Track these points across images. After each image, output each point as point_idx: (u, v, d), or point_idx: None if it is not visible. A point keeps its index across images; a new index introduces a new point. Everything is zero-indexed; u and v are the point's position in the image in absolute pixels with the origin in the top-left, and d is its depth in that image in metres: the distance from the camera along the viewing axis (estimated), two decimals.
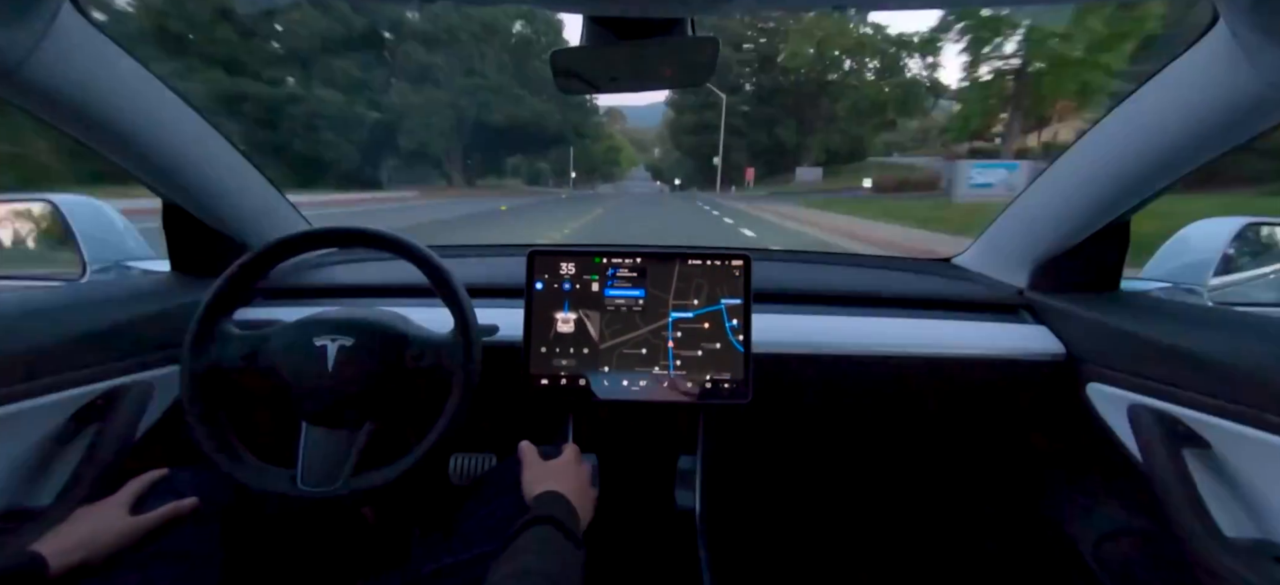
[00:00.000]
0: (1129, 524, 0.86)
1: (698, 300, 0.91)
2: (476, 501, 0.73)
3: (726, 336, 0.90)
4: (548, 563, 0.54)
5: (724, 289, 0.91)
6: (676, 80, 0.72)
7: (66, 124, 0.73)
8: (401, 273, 0.77)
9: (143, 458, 0.78)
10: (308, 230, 0.77)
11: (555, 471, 0.70)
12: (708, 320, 0.90)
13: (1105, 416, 0.84)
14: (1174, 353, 0.74)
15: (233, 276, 0.73)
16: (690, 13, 0.60)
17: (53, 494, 0.73)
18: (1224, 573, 0.63)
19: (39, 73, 0.63)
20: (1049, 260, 0.98)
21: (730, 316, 0.90)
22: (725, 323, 0.90)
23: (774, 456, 1.29)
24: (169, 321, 0.86)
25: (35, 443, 0.72)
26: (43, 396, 0.71)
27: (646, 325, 0.91)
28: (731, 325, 0.90)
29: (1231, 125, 0.65)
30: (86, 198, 1.36)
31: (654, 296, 0.91)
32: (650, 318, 0.91)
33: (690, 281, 0.91)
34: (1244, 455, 0.67)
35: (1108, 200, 0.85)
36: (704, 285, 0.91)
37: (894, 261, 1.28)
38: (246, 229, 1.01)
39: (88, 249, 1.25)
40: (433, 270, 0.73)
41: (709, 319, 0.90)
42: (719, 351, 0.90)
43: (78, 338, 0.75)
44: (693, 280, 0.91)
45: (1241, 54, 0.57)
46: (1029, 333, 0.96)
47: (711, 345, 0.90)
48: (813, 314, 1.01)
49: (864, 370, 0.97)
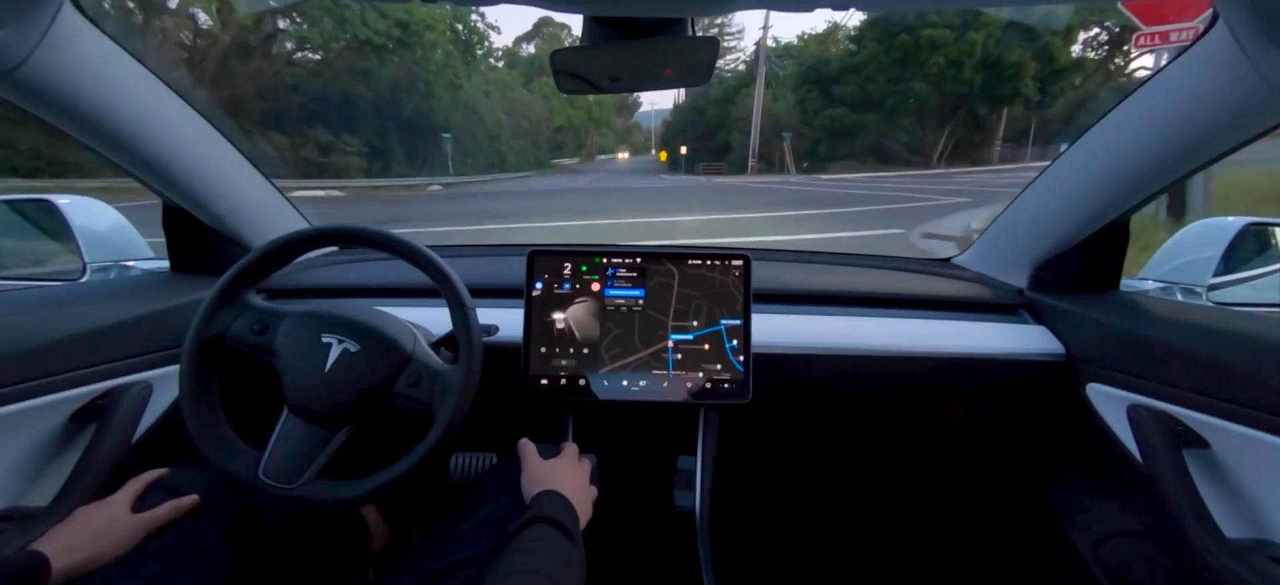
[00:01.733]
0: (1129, 524, 0.86)
1: (698, 301, 0.91)
2: (476, 501, 0.73)
3: (726, 337, 0.90)
4: (548, 562, 0.54)
5: (724, 290, 0.91)
6: (676, 80, 0.72)
7: (66, 124, 0.73)
8: (402, 273, 0.77)
9: (143, 457, 0.78)
10: (309, 230, 0.76)
11: (555, 471, 0.70)
12: (709, 313, 0.90)
13: (1105, 416, 0.84)
14: (1174, 353, 0.74)
15: (235, 275, 0.72)
16: (690, 13, 0.60)
17: (52, 494, 0.73)
18: (1224, 573, 0.63)
19: (39, 73, 0.63)
20: (1049, 260, 0.98)
21: (729, 318, 0.90)
22: (724, 334, 0.90)
23: (774, 456, 1.29)
24: (169, 322, 0.86)
25: (35, 443, 0.72)
26: (42, 396, 0.71)
27: (646, 325, 0.91)
28: (731, 326, 0.90)
29: (1231, 126, 0.65)
30: (86, 198, 1.36)
31: (654, 296, 0.91)
32: (650, 317, 0.91)
33: (690, 281, 0.91)
34: (1244, 455, 0.67)
35: (1108, 200, 0.85)
36: (704, 286, 0.91)
37: (894, 261, 1.28)
38: (246, 229, 1.01)
39: (88, 249, 1.25)
40: (434, 270, 0.72)
41: (709, 313, 0.90)
42: (719, 351, 0.90)
43: (78, 338, 0.75)
44: (693, 280, 0.92)
45: (1241, 54, 0.57)
46: (1029, 333, 0.96)
47: (712, 345, 0.90)
48: (813, 314, 1.01)
49: (864, 370, 0.97)
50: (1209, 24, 0.62)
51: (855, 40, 26.35)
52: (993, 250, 1.14)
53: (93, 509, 0.64)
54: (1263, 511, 0.66)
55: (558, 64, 0.66)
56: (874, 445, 1.28)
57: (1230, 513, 0.69)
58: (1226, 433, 0.68)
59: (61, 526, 0.61)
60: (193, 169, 0.90)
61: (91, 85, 0.71)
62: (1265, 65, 0.56)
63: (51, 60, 0.64)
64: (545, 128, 40.27)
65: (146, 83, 0.79)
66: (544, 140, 40.95)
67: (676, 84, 0.73)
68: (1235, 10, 0.56)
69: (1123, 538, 0.86)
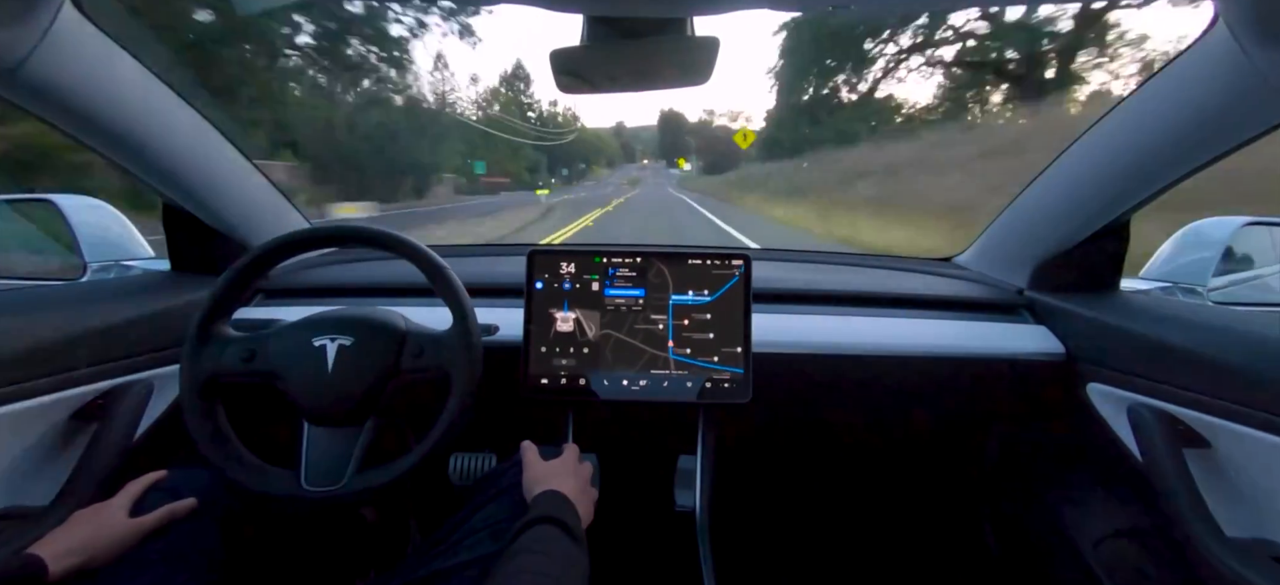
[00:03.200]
0: (1129, 524, 0.86)
1: (698, 300, 0.91)
2: (477, 501, 0.73)
3: (726, 336, 0.90)
4: (549, 563, 0.54)
5: (724, 290, 0.91)
6: (676, 80, 0.72)
7: (67, 124, 0.73)
8: (402, 272, 0.77)
9: (142, 458, 0.78)
10: (307, 230, 0.76)
11: (556, 471, 0.70)
12: (709, 312, 0.90)
13: (1105, 416, 0.84)
14: (1174, 353, 0.74)
15: (232, 279, 0.72)
16: (690, 12, 0.60)
17: (52, 493, 0.73)
18: (1224, 572, 0.63)
19: (39, 73, 0.63)
20: (1049, 260, 0.98)
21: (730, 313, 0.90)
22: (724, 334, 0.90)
23: (774, 456, 1.29)
24: (169, 321, 0.86)
25: (35, 442, 0.72)
26: (43, 396, 0.71)
27: (646, 325, 0.91)
28: (731, 325, 0.90)
29: (1231, 125, 0.65)
30: (87, 198, 1.36)
31: (654, 296, 0.91)
32: (650, 317, 0.91)
33: (690, 281, 0.91)
34: (1244, 455, 0.67)
35: (1107, 200, 0.85)
36: (704, 286, 0.91)
37: (894, 261, 1.28)
38: (246, 229, 1.01)
39: (88, 249, 1.25)
40: (432, 269, 0.72)
41: (710, 311, 0.90)
42: (719, 351, 0.90)
43: (78, 337, 0.75)
44: (693, 280, 0.91)
45: (1241, 54, 0.57)
46: (1029, 333, 0.96)
47: (711, 345, 0.90)
48: (813, 314, 1.01)
49: (864, 370, 0.97)
50: (1209, 24, 0.62)
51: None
52: (993, 250, 1.14)
53: (90, 512, 0.64)
54: (1263, 511, 0.66)
55: (557, 64, 0.66)
56: (873, 445, 1.28)
57: (1231, 512, 0.69)
58: (1227, 432, 0.68)
59: (59, 530, 0.61)
60: (193, 168, 0.90)
61: (91, 85, 0.71)
62: (1265, 65, 0.56)
63: (51, 60, 0.64)
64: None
65: (146, 82, 0.79)
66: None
67: (677, 84, 0.73)
68: (1235, 10, 0.55)
69: (1123, 538, 0.86)
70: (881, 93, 23.18)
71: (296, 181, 15.15)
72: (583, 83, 0.70)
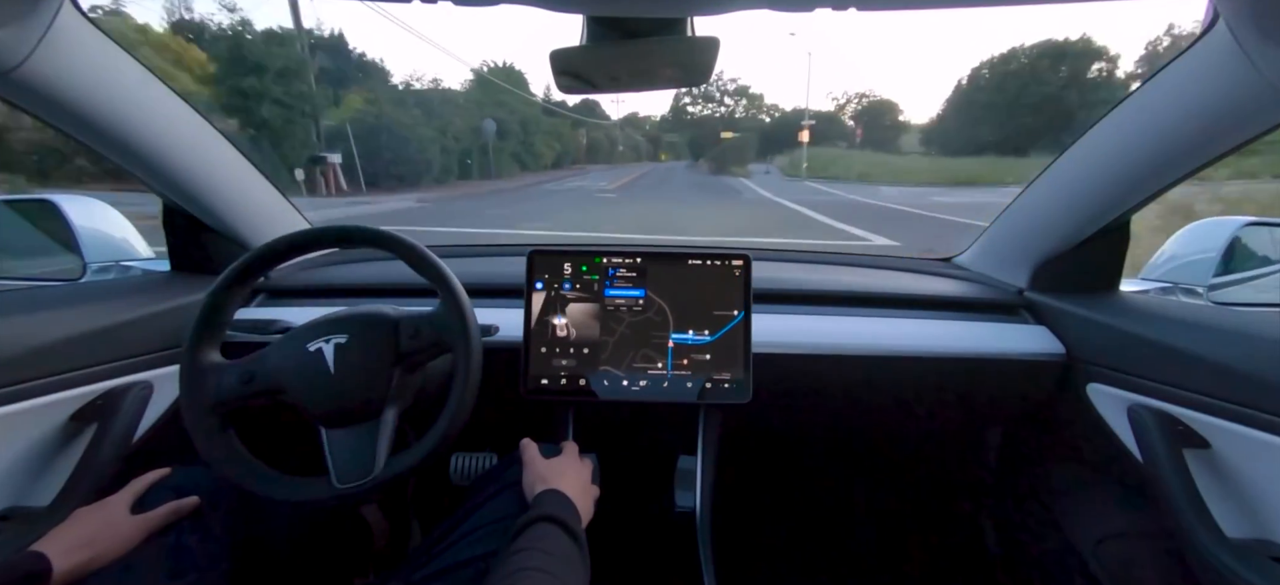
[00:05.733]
0: (1129, 524, 0.86)
1: (698, 300, 0.91)
2: (478, 500, 0.73)
3: (726, 336, 0.90)
4: (550, 561, 0.54)
5: (724, 289, 0.91)
6: (677, 80, 0.72)
7: (66, 124, 0.73)
8: (402, 273, 0.77)
9: (143, 457, 0.78)
10: (306, 230, 0.76)
11: (556, 470, 0.70)
12: (708, 352, 0.90)
13: (1105, 416, 0.84)
14: (1174, 353, 0.74)
15: (228, 281, 0.71)
16: (690, 12, 0.60)
17: (52, 494, 0.73)
18: (1224, 572, 0.63)
19: (39, 73, 0.63)
20: (1049, 260, 0.98)
21: (732, 313, 0.90)
22: (724, 334, 0.90)
23: (774, 456, 1.29)
24: (169, 321, 0.86)
25: (35, 443, 0.72)
26: (43, 396, 0.71)
27: (646, 325, 0.91)
28: (731, 326, 0.90)
29: (1232, 126, 0.65)
30: (87, 198, 1.36)
31: (654, 296, 0.91)
32: (650, 317, 0.91)
33: (690, 281, 0.91)
34: (1244, 455, 0.67)
35: (1108, 200, 0.85)
36: (704, 286, 0.91)
37: (894, 261, 1.28)
38: (246, 229, 1.01)
39: (88, 249, 1.25)
40: (431, 270, 0.72)
41: (709, 313, 0.90)
42: (719, 351, 0.90)
43: (77, 338, 0.75)
44: (693, 280, 0.91)
45: (1241, 54, 0.57)
46: (1029, 333, 0.96)
47: (711, 345, 0.90)
48: (813, 314, 1.01)
49: (864, 370, 0.97)
50: (1209, 24, 0.62)
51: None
52: (993, 250, 1.14)
53: (93, 510, 0.64)
54: (1263, 511, 0.66)
55: (557, 63, 0.66)
56: (874, 445, 1.28)
57: (1231, 512, 0.69)
58: (1227, 433, 0.68)
59: (62, 527, 0.61)
60: (193, 169, 0.90)
61: (91, 85, 0.71)
62: (1265, 65, 0.56)
63: (51, 60, 0.64)
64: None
65: (146, 82, 0.79)
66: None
67: (677, 84, 0.73)
68: (1235, 10, 0.55)
69: (1123, 538, 0.86)
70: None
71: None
72: (583, 83, 0.70)
